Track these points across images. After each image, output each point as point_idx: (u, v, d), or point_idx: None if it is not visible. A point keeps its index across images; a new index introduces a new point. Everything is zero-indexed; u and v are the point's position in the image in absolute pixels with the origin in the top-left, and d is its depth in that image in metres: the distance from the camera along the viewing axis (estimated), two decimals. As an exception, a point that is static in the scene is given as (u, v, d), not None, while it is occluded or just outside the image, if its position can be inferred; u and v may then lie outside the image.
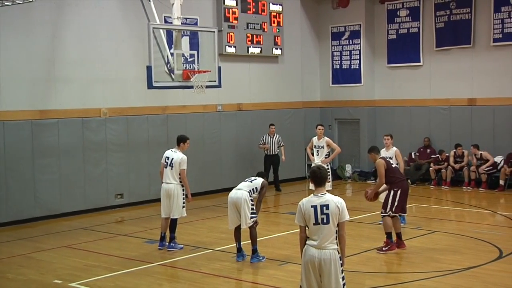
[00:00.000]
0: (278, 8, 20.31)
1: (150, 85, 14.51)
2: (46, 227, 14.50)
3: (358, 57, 21.52)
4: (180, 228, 12.56)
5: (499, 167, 18.46)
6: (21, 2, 13.44)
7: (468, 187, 18.64)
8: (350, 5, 21.23)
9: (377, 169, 11.75)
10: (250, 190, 11.01)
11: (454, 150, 19.08)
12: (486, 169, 18.35)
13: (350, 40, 21.63)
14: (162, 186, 12.22)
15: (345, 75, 21.85)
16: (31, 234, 13.89)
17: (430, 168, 19.44)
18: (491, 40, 18.98)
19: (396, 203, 11.53)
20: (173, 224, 12.13)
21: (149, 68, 14.26)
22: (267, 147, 18.98)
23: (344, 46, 21.81)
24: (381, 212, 11.74)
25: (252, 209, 10.94)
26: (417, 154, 20.16)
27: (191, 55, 15.87)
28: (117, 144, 16.71)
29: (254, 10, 19.62)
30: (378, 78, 21.59)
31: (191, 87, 15.02)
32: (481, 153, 18.58)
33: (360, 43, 21.42)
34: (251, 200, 10.95)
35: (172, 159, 12.08)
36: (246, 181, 11.28)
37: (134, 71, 16.46)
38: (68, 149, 15.77)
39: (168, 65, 15.25)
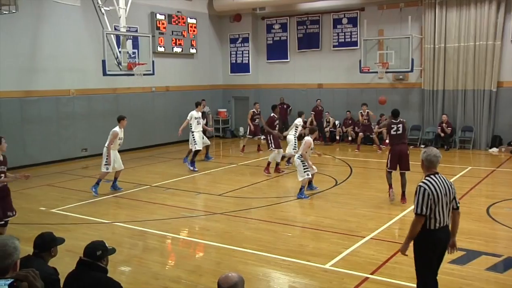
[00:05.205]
0: (193, 21, 20.25)
1: (104, 73, 14.44)
2: (32, 172, 13.79)
3: (248, 55, 21.72)
4: (125, 173, 12.36)
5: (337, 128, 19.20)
6: (7, 12, 12.92)
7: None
8: (242, 21, 21.46)
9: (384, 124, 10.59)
10: None
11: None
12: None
13: (242, 44, 21.80)
14: None
15: (239, 67, 22.01)
16: (21, 177, 13.60)
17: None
18: (331, 46, 19.75)
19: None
20: None
21: (103, 62, 14.16)
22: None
23: (238, 48, 21.95)
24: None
25: None
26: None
27: (134, 53, 15.79)
28: (82, 115, 16.45)
29: (177, 22, 19.53)
30: (261, 70, 21.83)
31: (133, 75, 15.03)
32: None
33: (249, 46, 21.63)
34: None
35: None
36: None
37: (93, 63, 16.10)
38: (47, 118, 15.45)
39: (117, 60, 15.10)
